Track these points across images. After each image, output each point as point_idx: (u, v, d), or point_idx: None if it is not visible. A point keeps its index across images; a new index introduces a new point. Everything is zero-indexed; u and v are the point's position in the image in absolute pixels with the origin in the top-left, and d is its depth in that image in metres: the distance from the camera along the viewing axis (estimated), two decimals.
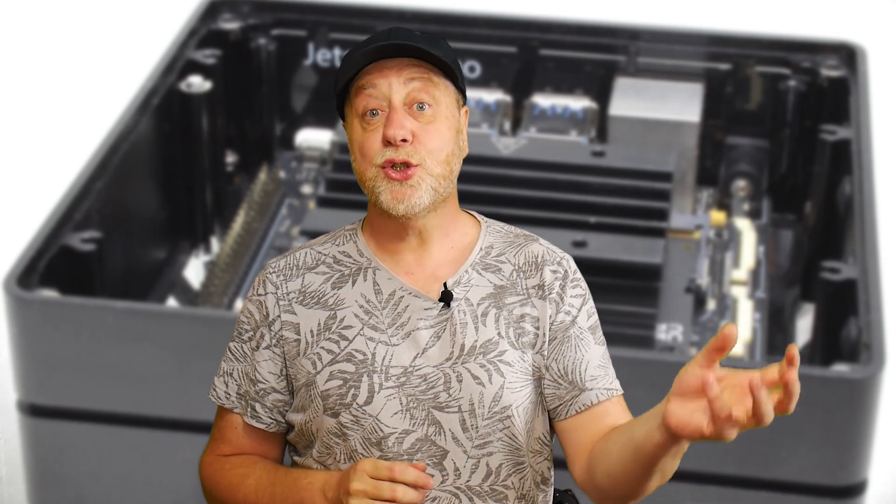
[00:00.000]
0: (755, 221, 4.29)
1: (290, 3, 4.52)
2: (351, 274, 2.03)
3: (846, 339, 3.41)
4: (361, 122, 1.99)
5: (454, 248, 2.04)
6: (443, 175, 1.98)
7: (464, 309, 1.99)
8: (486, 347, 1.99)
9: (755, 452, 3.24)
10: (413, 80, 1.98)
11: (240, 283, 4.08)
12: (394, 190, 1.96)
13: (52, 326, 3.34)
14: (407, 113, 1.97)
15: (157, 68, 4.14)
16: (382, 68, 1.98)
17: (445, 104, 2.00)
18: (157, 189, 4.14)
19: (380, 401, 1.97)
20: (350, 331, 2.00)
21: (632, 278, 3.68)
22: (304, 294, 2.03)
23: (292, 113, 4.60)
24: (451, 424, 1.98)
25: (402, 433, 1.97)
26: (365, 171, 1.98)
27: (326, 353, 2.00)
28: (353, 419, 1.98)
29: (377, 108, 1.98)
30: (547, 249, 2.06)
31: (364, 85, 1.98)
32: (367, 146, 1.98)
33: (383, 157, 1.96)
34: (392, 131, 1.95)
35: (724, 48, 4.39)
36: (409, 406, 1.98)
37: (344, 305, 2.01)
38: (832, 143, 4.04)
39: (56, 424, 3.41)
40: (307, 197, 4.40)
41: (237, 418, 2.09)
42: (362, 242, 2.05)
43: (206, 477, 2.11)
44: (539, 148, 4.08)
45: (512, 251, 2.05)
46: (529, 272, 2.03)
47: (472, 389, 1.97)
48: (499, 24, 4.47)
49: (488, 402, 1.98)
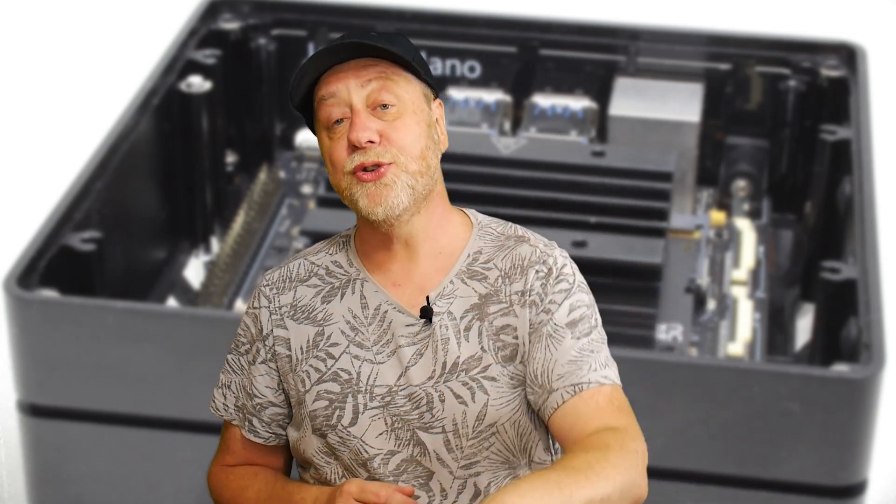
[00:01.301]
0: (755, 221, 4.29)
1: (290, 3, 4.51)
2: (340, 286, 1.99)
3: (846, 339, 3.41)
4: (328, 133, 1.94)
5: (442, 254, 1.98)
6: (419, 171, 1.92)
7: (446, 323, 1.94)
8: (469, 364, 1.93)
9: (755, 452, 3.24)
10: (371, 81, 1.92)
11: (240, 283, 4.08)
12: (369, 193, 1.90)
13: (52, 326, 3.34)
14: (371, 115, 1.91)
15: (157, 68, 4.13)
16: (338, 73, 1.92)
17: (410, 100, 1.94)
18: (157, 189, 4.14)
19: (364, 421, 1.94)
20: (336, 348, 1.96)
21: (632, 278, 3.67)
22: (296, 308, 1.99)
23: (292, 113, 4.58)
24: (436, 445, 1.93)
25: (387, 454, 1.94)
26: (339, 181, 1.93)
27: (314, 371, 1.97)
28: (340, 440, 1.95)
29: (341, 117, 1.92)
30: (534, 250, 1.98)
31: (324, 95, 1.93)
32: (335, 156, 1.92)
33: (353, 164, 1.91)
34: (355, 134, 1.89)
35: (724, 48, 4.38)
36: (394, 426, 1.93)
37: (331, 321, 1.97)
38: (832, 143, 4.04)
39: (56, 424, 3.41)
40: (307, 197, 4.39)
41: (238, 430, 2.07)
42: (353, 252, 2.01)
43: (213, 487, 2.10)
44: (539, 148, 4.08)
45: (500, 255, 1.98)
46: (514, 276, 1.96)
47: (454, 409, 1.92)
48: (499, 24, 4.47)
49: (472, 422, 1.92)
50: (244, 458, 2.09)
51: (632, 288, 3.68)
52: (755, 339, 3.86)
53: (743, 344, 3.80)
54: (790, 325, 3.98)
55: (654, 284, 3.71)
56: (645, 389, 3.15)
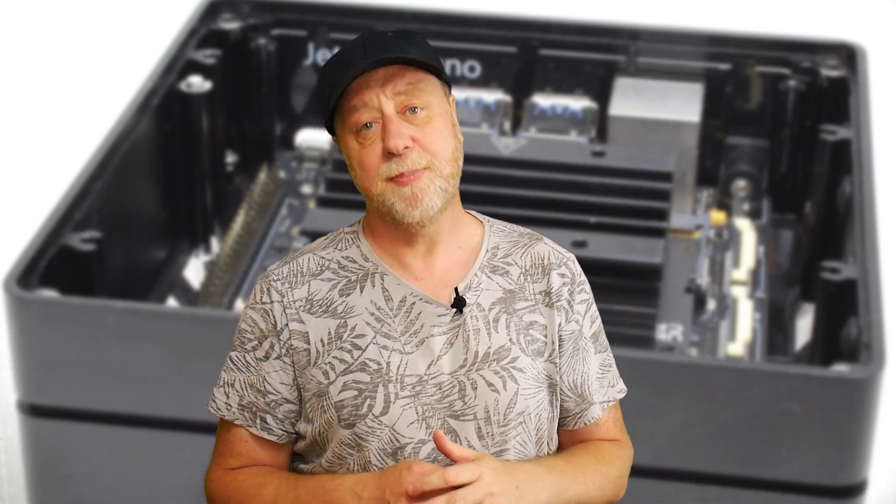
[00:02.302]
0: (755, 221, 4.29)
1: (290, 3, 4.52)
2: (358, 280, 2.00)
3: (846, 339, 3.42)
4: (357, 137, 1.96)
5: (461, 249, 2.02)
6: (452, 173, 1.97)
7: (476, 315, 1.98)
8: (500, 354, 1.98)
9: (755, 452, 3.24)
10: (400, 90, 1.95)
11: (240, 283, 4.08)
12: (405, 196, 1.93)
13: (52, 326, 3.34)
14: (402, 119, 1.94)
15: (157, 68, 4.14)
16: (368, 81, 1.95)
17: (437, 102, 1.98)
18: (157, 189, 4.15)
19: (396, 411, 1.95)
20: (363, 339, 1.97)
21: (632, 278, 3.68)
22: (312, 302, 1.99)
23: (292, 113, 4.60)
24: (468, 433, 1.96)
25: (418, 443, 1.96)
26: (371, 187, 1.95)
27: (339, 362, 1.97)
28: (369, 430, 1.96)
29: (371, 121, 1.95)
30: (552, 250, 2.05)
31: (354, 102, 1.95)
32: (367, 161, 1.95)
33: (391, 171, 1.93)
34: (393, 142, 1.92)
35: (724, 48, 4.39)
36: (424, 415, 1.96)
37: (354, 313, 1.98)
38: (832, 143, 4.04)
39: (56, 424, 3.41)
40: (307, 197, 4.40)
41: (245, 431, 2.03)
42: (366, 247, 2.02)
43: (217, 492, 2.05)
44: (539, 148, 4.08)
45: (518, 252, 2.04)
46: (536, 275, 2.02)
47: (487, 397, 1.96)
48: (499, 24, 4.47)
49: (503, 409, 1.97)
50: (250, 458, 2.05)
51: (632, 288, 3.68)
52: (755, 339, 3.86)
53: (743, 344, 3.80)
54: (790, 325, 3.98)
55: (654, 284, 3.72)
56: (645, 389, 3.15)
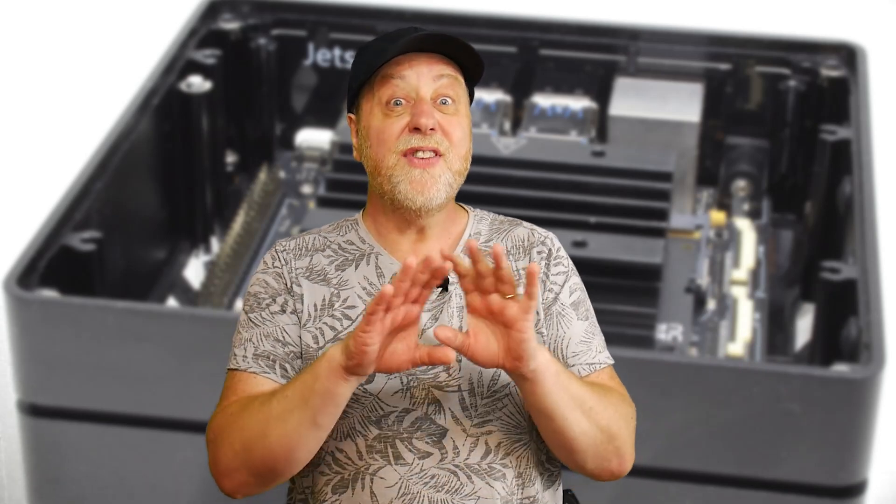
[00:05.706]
0: (755, 221, 4.29)
1: (290, 3, 4.52)
2: (355, 259, 2.06)
3: (846, 339, 3.42)
4: (384, 109, 2.02)
5: (449, 236, 2.08)
6: (460, 171, 2.02)
7: (460, 293, 2.01)
8: None
9: (755, 452, 3.24)
10: (442, 77, 2.02)
11: (240, 283, 4.08)
12: (413, 179, 1.99)
13: (52, 326, 3.34)
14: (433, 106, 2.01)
15: (157, 68, 4.14)
16: (413, 60, 2.01)
17: (464, 101, 2.05)
18: (157, 189, 4.15)
19: (381, 380, 1.98)
20: (354, 311, 2.02)
21: (632, 278, 3.68)
22: (311, 271, 2.05)
23: (292, 113, 4.60)
24: (451, 403, 1.99)
25: (401, 412, 1.99)
26: (383, 158, 2.01)
27: (329, 329, 2.02)
28: (353, 397, 1.97)
29: (403, 97, 2.01)
30: (531, 231, 2.10)
31: (392, 74, 2.01)
32: (387, 133, 2.01)
33: (408, 144, 1.99)
34: (423, 120, 1.98)
35: (724, 48, 4.39)
36: (409, 385, 1.99)
37: (347, 286, 2.03)
38: (832, 143, 4.04)
39: (56, 424, 3.41)
40: (307, 197, 4.40)
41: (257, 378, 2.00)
42: (364, 230, 2.08)
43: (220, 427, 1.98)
44: (539, 148, 4.08)
45: (498, 237, 2.09)
46: (518, 255, 2.07)
47: (471, 369, 1.99)
48: (499, 24, 4.47)
49: (487, 382, 2.00)
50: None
51: (632, 288, 3.68)
52: (755, 339, 3.86)
53: (743, 344, 3.80)
54: (790, 325, 3.98)
55: (654, 284, 3.72)
56: (645, 389, 3.15)
